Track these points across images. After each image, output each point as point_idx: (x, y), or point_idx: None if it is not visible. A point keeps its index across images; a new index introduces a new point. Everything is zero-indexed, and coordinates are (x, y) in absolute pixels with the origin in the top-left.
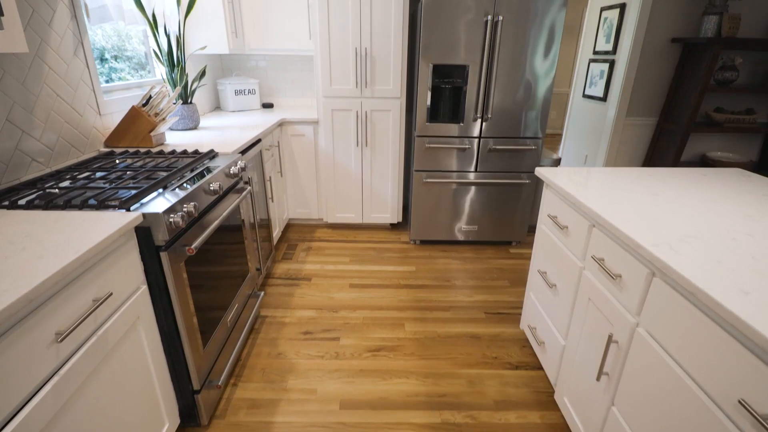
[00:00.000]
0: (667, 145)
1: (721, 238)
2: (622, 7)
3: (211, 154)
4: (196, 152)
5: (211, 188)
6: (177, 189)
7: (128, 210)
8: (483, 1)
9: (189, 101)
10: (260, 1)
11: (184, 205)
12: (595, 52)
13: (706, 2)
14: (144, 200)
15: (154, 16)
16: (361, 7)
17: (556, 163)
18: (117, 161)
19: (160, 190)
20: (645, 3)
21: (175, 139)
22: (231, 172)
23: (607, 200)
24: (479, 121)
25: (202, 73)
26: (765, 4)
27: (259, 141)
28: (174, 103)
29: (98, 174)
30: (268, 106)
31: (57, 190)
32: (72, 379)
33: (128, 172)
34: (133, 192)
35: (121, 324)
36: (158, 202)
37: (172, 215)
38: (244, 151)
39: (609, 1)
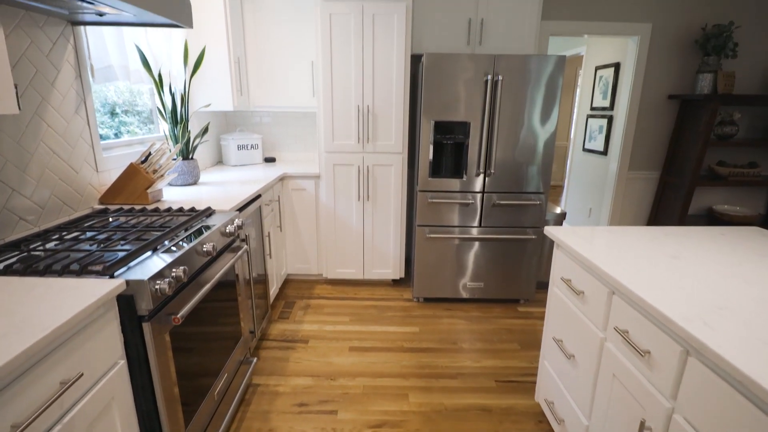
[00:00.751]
0: (672, 199)
1: (757, 311)
2: (617, 66)
3: (208, 212)
4: (192, 210)
5: (204, 249)
6: (168, 250)
7: (112, 276)
8: (482, 62)
9: (190, 157)
10: (266, 61)
11: (173, 270)
12: (592, 108)
13: (700, 61)
14: (131, 263)
15: (160, 75)
16: (364, 66)
17: (561, 217)
18: (110, 219)
19: (149, 253)
20: (639, 62)
21: (174, 196)
22: (227, 230)
23: (624, 264)
24: (482, 176)
25: (205, 130)
26: (759, 61)
27: (259, 196)
28: (174, 160)
29: (87, 234)
30: (270, 160)
31: (41, 253)
32: None
33: (118, 233)
34: (120, 255)
35: (91, 407)
36: (145, 267)
37: (158, 281)
38: (243, 207)
39: (603, 61)
